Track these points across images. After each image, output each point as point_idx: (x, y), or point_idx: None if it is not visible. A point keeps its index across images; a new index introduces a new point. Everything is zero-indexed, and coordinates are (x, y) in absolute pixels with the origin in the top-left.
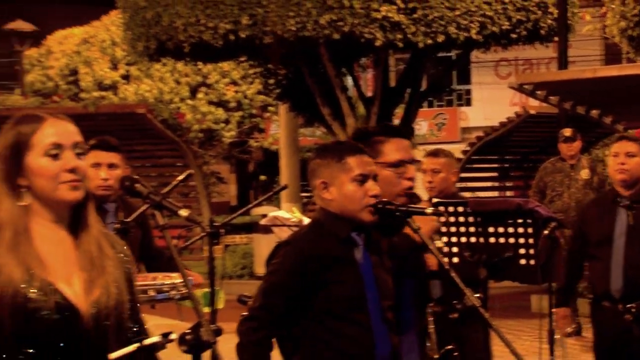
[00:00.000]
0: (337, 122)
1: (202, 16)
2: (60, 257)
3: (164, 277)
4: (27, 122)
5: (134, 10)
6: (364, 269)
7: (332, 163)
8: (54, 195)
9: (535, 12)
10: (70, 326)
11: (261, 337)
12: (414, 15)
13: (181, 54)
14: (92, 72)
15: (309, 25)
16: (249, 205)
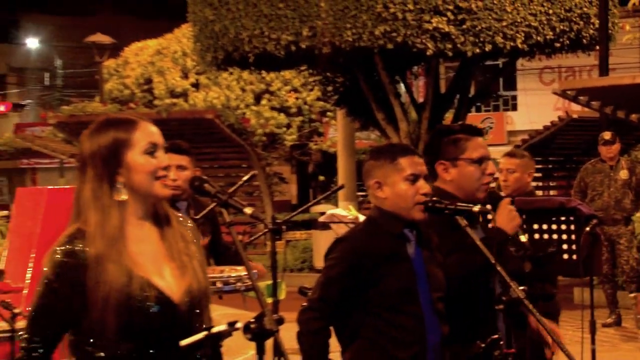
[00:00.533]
0: (390, 126)
1: (265, 28)
2: (150, 252)
3: (231, 270)
4: (123, 124)
5: (203, 23)
6: (416, 263)
7: (386, 164)
8: (150, 190)
9: (578, 23)
10: (167, 317)
11: (319, 327)
12: (463, 26)
13: (246, 63)
14: (164, 80)
15: (365, 36)
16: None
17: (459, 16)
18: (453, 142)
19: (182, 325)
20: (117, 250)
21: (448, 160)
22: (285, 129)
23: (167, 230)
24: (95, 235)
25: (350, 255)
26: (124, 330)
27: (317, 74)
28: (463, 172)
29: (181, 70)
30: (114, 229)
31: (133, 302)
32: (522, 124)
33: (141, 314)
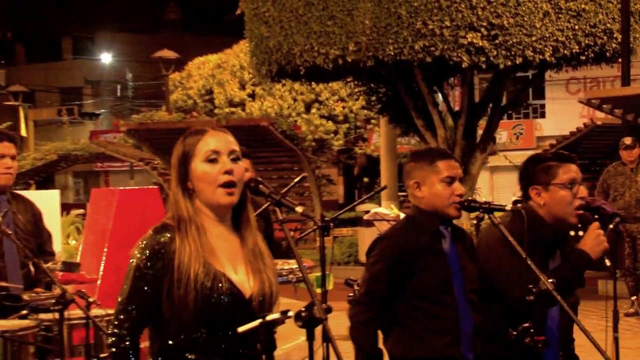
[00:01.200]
0: (429, 132)
1: (315, 44)
2: (227, 250)
3: (283, 263)
4: (192, 135)
5: (258, 39)
6: (451, 257)
7: (425, 166)
8: (213, 198)
9: (602, 37)
10: (236, 308)
11: (368, 319)
12: (496, 40)
13: (298, 75)
14: (224, 91)
15: (405, 50)
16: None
17: (492, 32)
18: (545, 169)
19: (250, 318)
20: (199, 248)
21: (540, 185)
22: (332, 135)
23: (246, 234)
24: (179, 233)
25: (391, 252)
26: (199, 317)
27: (362, 85)
28: (554, 197)
29: (239, 82)
30: (196, 228)
31: (208, 292)
32: (550, 130)
33: (214, 303)
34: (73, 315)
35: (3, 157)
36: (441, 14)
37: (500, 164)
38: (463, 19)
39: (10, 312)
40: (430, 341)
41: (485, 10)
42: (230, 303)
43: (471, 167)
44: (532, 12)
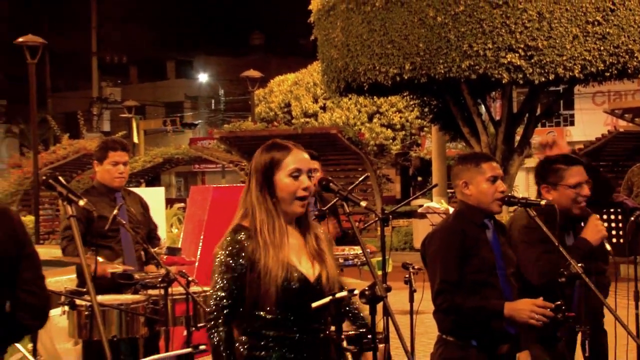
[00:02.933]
0: (473, 138)
1: (377, 64)
2: (294, 245)
3: (350, 249)
4: (279, 149)
5: (329, 61)
6: (494, 246)
7: (472, 168)
8: (290, 207)
9: (624, 57)
10: (305, 291)
11: (454, 302)
12: (532, 60)
13: (362, 91)
14: (300, 105)
15: (454, 69)
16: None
17: (528, 52)
18: (554, 170)
19: (317, 297)
20: (280, 242)
21: (550, 184)
22: (391, 141)
23: (306, 231)
24: (262, 229)
25: (454, 241)
26: (277, 301)
27: (417, 98)
28: (562, 195)
29: (312, 97)
30: (279, 226)
31: (283, 281)
32: (578, 136)
33: (287, 289)
34: (175, 292)
35: (117, 164)
36: (484, 37)
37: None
38: (503, 41)
39: (124, 288)
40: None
41: (523, 34)
42: (300, 288)
43: (510, 168)
44: (563, 35)
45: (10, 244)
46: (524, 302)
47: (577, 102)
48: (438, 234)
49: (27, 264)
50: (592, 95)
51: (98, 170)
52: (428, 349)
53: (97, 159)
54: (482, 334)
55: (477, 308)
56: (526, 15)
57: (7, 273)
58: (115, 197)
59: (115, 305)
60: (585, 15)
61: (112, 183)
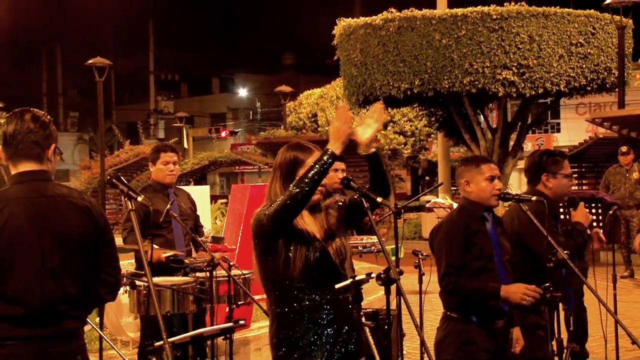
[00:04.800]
0: (473, 143)
1: (391, 80)
2: (317, 225)
3: (367, 238)
4: (303, 150)
5: (350, 77)
6: (492, 236)
7: (472, 169)
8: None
9: (603, 73)
10: (325, 261)
11: (458, 283)
12: (524, 76)
13: None
14: (325, 115)
15: (457, 84)
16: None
17: (520, 70)
18: (555, 161)
19: (334, 268)
20: (303, 224)
21: (550, 173)
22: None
23: (318, 213)
24: None
25: (458, 229)
26: (303, 271)
27: (425, 109)
28: (560, 183)
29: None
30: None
31: (307, 252)
32: (564, 142)
33: (310, 259)
34: (219, 274)
35: (168, 163)
36: (483, 57)
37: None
38: (499, 60)
39: (176, 271)
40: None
41: (516, 54)
42: (321, 258)
43: (505, 169)
44: (551, 55)
45: (94, 234)
46: (518, 285)
47: (562, 112)
48: (444, 226)
49: (107, 249)
50: (575, 106)
51: (153, 170)
52: (435, 324)
53: (151, 161)
54: (481, 311)
55: (477, 289)
56: (519, 38)
57: (91, 256)
58: (168, 193)
59: (169, 286)
60: (570, 38)
61: (164, 180)
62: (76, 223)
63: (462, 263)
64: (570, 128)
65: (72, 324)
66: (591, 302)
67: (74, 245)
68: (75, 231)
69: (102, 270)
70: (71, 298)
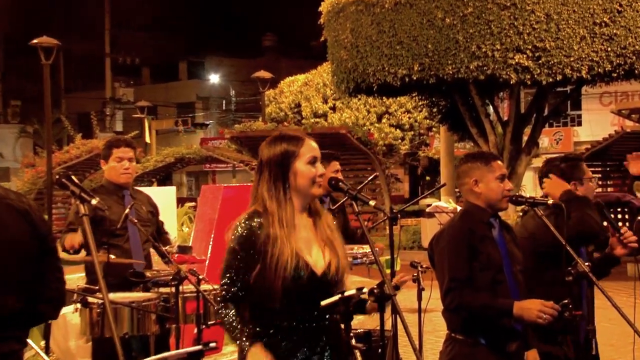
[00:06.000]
0: (481, 138)
1: (386, 65)
2: (305, 236)
3: (359, 248)
4: (291, 140)
5: (338, 62)
6: (500, 243)
7: (482, 166)
8: (310, 191)
9: (631, 57)
10: (312, 282)
11: (464, 300)
12: (539, 61)
13: (371, 91)
14: (310, 105)
15: (462, 70)
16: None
17: (536, 53)
18: (575, 166)
19: (324, 290)
20: (289, 233)
21: (577, 180)
22: (400, 141)
23: (318, 221)
24: (274, 220)
25: (462, 238)
26: (285, 290)
27: (425, 98)
28: (587, 188)
29: (322, 97)
30: (290, 217)
31: (291, 271)
32: (585, 136)
33: (295, 279)
34: (186, 290)
35: (122, 160)
36: (492, 38)
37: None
38: (511, 42)
39: (135, 286)
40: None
41: (530, 35)
42: (308, 278)
43: (518, 168)
44: (571, 36)
45: (34, 240)
46: (533, 301)
47: (584, 103)
48: (446, 233)
49: (49, 259)
50: (599, 95)
51: (105, 169)
52: (436, 347)
53: (103, 158)
54: (491, 331)
55: (486, 306)
56: (534, 16)
57: (31, 267)
58: (124, 195)
59: (127, 303)
60: (593, 17)
61: (118, 180)
62: (13, 229)
63: (468, 275)
64: (593, 121)
65: (10, 346)
66: (617, 323)
67: (10, 254)
68: (12, 237)
69: (43, 283)
70: (8, 315)
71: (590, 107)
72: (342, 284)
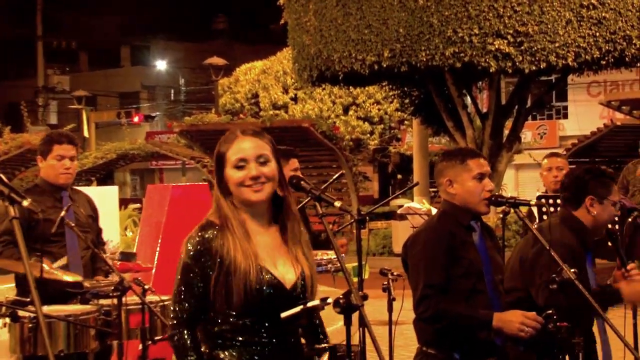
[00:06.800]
0: (458, 132)
1: (353, 51)
2: (267, 244)
3: (322, 254)
4: (225, 142)
5: (300, 47)
6: (480, 249)
7: (457, 165)
8: (244, 197)
9: (621, 43)
10: (278, 298)
11: (439, 308)
12: (521, 47)
13: (336, 80)
14: (268, 95)
15: (437, 56)
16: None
17: (518, 38)
18: (604, 183)
19: (292, 305)
20: (247, 244)
21: (597, 197)
22: (368, 135)
23: (288, 226)
24: (229, 231)
25: (439, 241)
26: (245, 307)
27: (396, 88)
28: (606, 210)
29: (282, 87)
30: (238, 225)
31: (252, 285)
32: (572, 130)
33: (258, 295)
34: (130, 301)
35: (63, 159)
36: (470, 22)
37: (525, 162)
38: (491, 26)
39: (72, 298)
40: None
41: (512, 18)
42: (273, 294)
43: (498, 165)
44: (556, 20)
45: None
46: (514, 313)
47: (570, 93)
48: (422, 236)
49: None
50: (586, 85)
51: (42, 167)
52: None
53: (40, 154)
54: (466, 345)
55: (463, 316)
56: None
57: None
58: (62, 196)
59: (63, 317)
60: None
61: (57, 180)
62: None
63: (445, 283)
64: (580, 113)
65: None
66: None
67: None
68: None
69: None
70: None
71: (577, 98)
72: (313, 298)
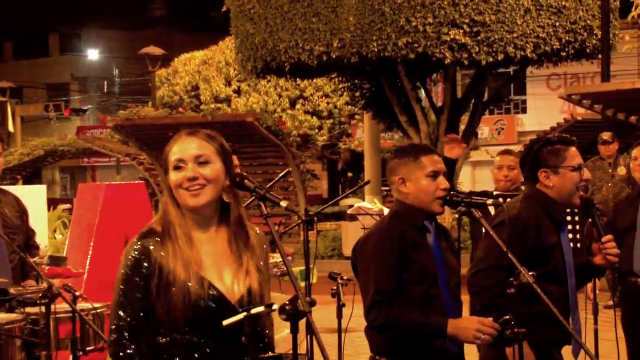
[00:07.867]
0: (412, 127)
1: (300, 40)
2: (213, 254)
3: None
4: (170, 142)
5: (244, 36)
6: (435, 251)
7: (409, 162)
8: (183, 202)
9: (582, 34)
10: (223, 313)
11: (391, 316)
12: (478, 37)
13: (282, 72)
14: (210, 87)
15: (389, 47)
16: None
17: (474, 28)
18: (554, 152)
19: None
20: (184, 252)
21: (550, 168)
22: (317, 131)
23: (236, 233)
24: (164, 238)
25: (390, 244)
26: (187, 320)
27: (346, 81)
28: (564, 179)
29: (224, 78)
30: (182, 233)
31: (195, 298)
32: (531, 125)
33: (201, 308)
34: (59, 309)
35: None
36: (424, 10)
37: (482, 159)
38: (445, 15)
39: None
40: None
41: (468, 7)
42: (217, 308)
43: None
44: (514, 9)
45: None
46: (470, 319)
47: (529, 86)
48: (372, 238)
49: None
50: (546, 78)
51: None
52: None
53: None
54: (420, 354)
55: (416, 324)
56: None
57: None
58: None
59: None
60: None
61: None
62: None
63: (396, 288)
64: (539, 107)
65: None
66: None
67: None
68: None
69: None
70: None
71: (536, 91)
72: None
